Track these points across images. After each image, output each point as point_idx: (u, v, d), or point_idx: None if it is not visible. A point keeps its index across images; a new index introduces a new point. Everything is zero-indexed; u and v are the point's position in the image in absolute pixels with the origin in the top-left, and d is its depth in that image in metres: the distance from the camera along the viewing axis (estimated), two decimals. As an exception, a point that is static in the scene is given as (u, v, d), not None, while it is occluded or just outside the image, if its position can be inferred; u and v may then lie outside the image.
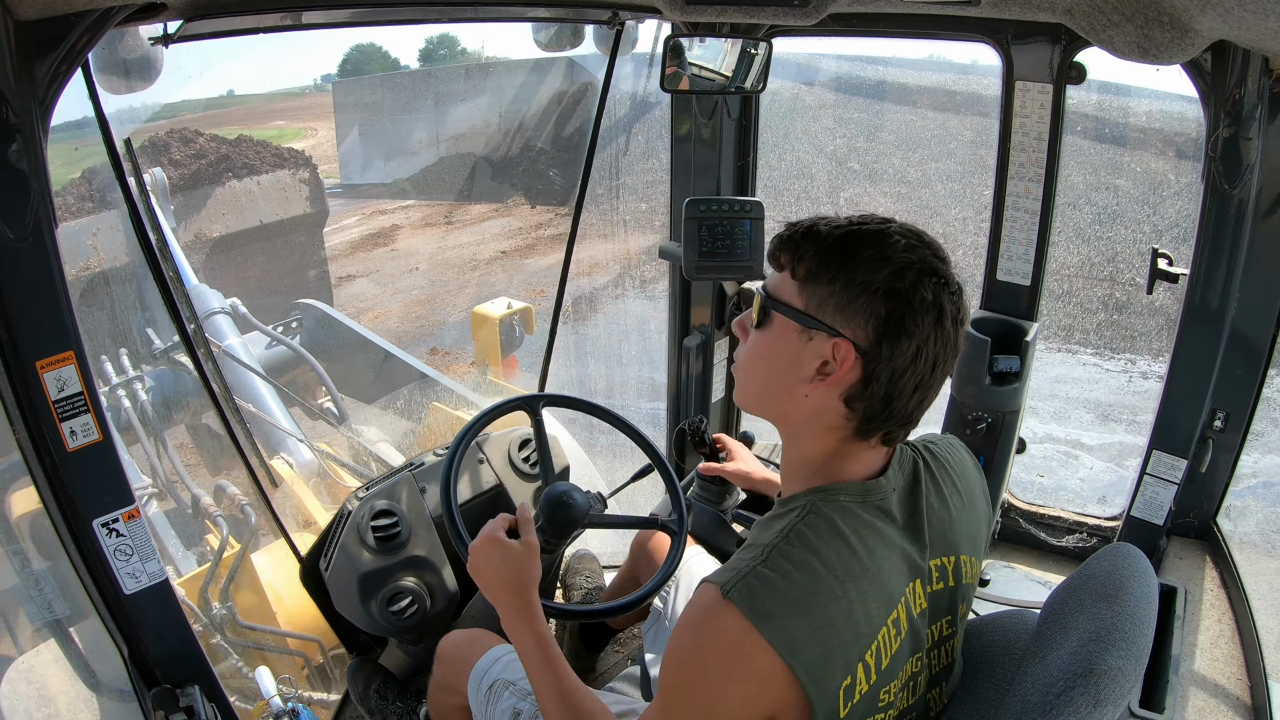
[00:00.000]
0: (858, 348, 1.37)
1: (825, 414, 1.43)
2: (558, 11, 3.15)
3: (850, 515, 1.40)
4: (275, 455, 6.84)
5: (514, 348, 7.90)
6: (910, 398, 1.40)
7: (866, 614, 1.35)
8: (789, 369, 1.44)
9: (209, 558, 5.61)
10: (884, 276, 1.35)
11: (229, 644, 5.07)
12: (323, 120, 38.76)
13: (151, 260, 2.55)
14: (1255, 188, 2.69)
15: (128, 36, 2.27)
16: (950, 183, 14.48)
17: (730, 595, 1.31)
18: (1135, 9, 1.95)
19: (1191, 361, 2.96)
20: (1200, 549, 3.11)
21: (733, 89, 3.00)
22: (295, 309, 9.86)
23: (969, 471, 1.64)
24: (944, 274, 1.38)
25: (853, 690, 1.35)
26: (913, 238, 1.40)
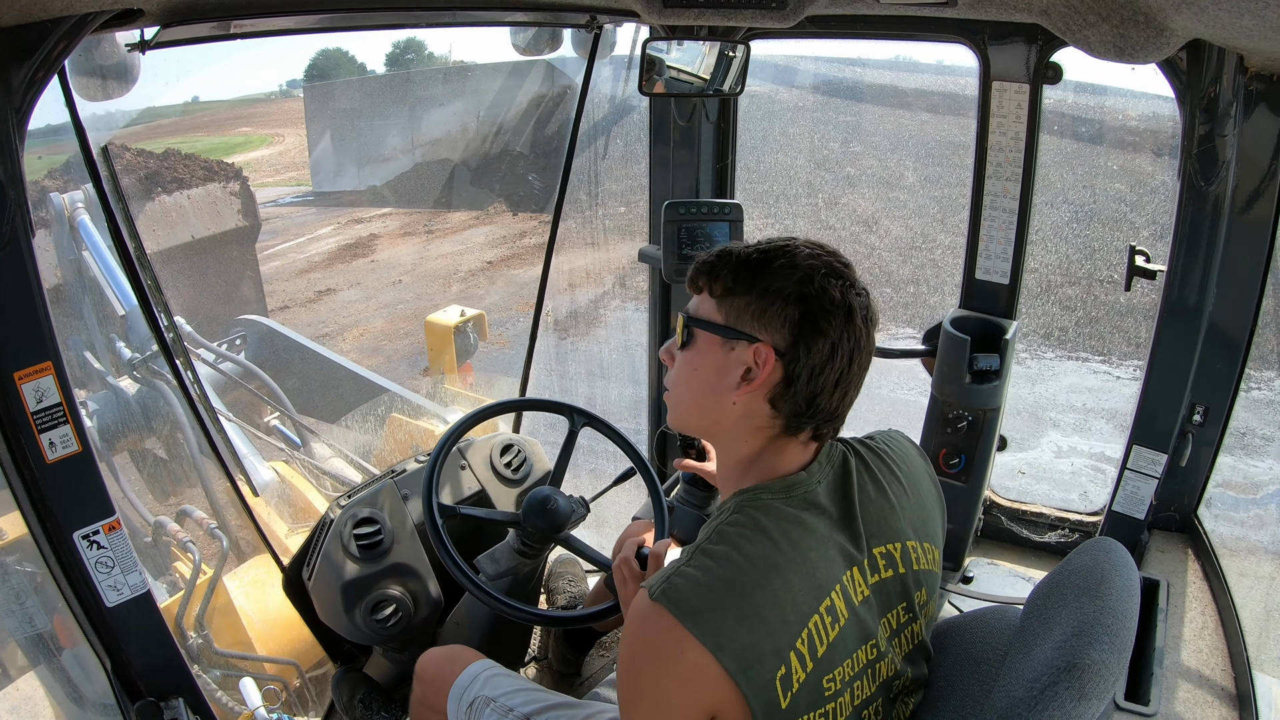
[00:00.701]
0: (776, 350, 1.47)
1: (753, 416, 1.53)
2: (535, 15, 3.14)
3: (773, 511, 1.47)
4: (271, 459, 6.78)
5: (469, 355, 7.92)
6: (833, 393, 1.49)
7: (794, 603, 1.40)
8: (716, 379, 1.54)
9: (180, 586, 5.55)
10: (793, 282, 1.47)
11: (206, 674, 5.03)
12: (289, 127, 38.32)
13: (129, 268, 2.54)
14: (1231, 184, 2.71)
15: (104, 43, 2.25)
16: (929, 183, 14.51)
17: (656, 597, 1.38)
18: (1111, 9, 1.96)
19: (1170, 357, 2.98)
20: (1182, 542, 3.13)
21: (711, 91, 3.01)
22: (237, 325, 9.77)
23: (912, 460, 1.70)
24: (848, 276, 1.50)
25: (789, 680, 1.38)
26: (815, 247, 1.53)
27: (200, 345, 8.47)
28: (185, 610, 5.18)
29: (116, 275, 8.56)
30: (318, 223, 21.41)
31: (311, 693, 5.01)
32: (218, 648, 5.19)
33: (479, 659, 2.27)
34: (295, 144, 35.33)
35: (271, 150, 36.10)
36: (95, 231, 9.00)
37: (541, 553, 2.52)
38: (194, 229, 12.62)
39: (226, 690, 4.74)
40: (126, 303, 8.38)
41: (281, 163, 32.90)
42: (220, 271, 13.24)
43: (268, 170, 32.08)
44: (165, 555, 6.30)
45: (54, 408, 1.91)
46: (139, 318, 8.10)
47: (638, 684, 1.43)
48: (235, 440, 7.08)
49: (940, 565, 1.68)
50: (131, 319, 8.14)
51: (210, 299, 13.02)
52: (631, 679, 1.44)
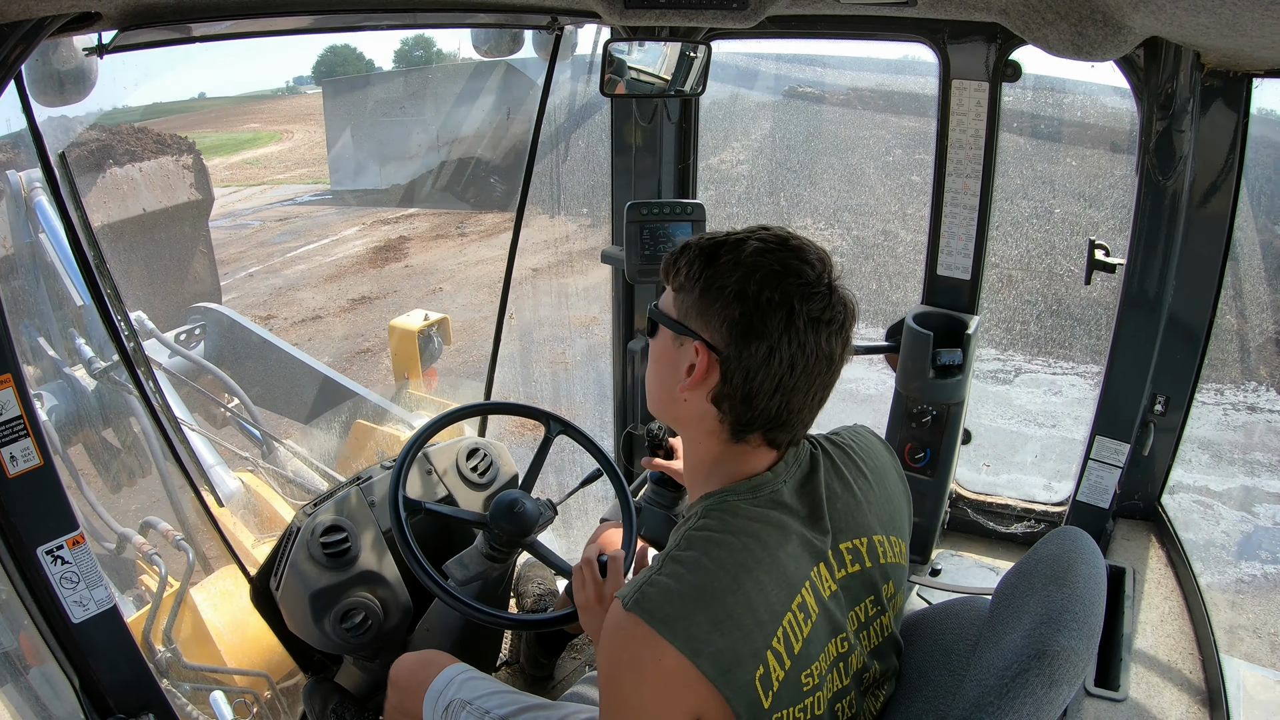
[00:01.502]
0: (713, 349, 1.47)
1: (704, 418, 1.52)
2: (496, 17, 3.13)
3: (740, 512, 1.47)
4: (237, 469, 6.67)
5: (433, 360, 7.87)
6: (771, 398, 1.46)
7: (766, 603, 1.40)
8: (669, 373, 1.55)
9: (146, 600, 5.47)
10: (734, 280, 1.44)
11: (176, 689, 4.96)
12: (298, 123, 37.95)
13: (89, 277, 2.50)
14: (1189, 178, 2.75)
15: (61, 47, 2.23)
16: (889, 180, 14.59)
17: (630, 607, 1.38)
18: (1069, 7, 1.98)
19: (1131, 348, 3.02)
20: (1146, 529, 3.17)
21: (672, 92, 3.01)
22: (195, 314, 9.55)
23: (878, 455, 1.70)
24: (803, 275, 1.44)
25: (769, 679, 1.39)
26: (772, 243, 1.48)
27: (156, 338, 8.36)
28: (153, 625, 5.10)
29: (72, 262, 8.40)
30: (341, 223, 20.75)
31: (283, 704, 4.95)
32: (187, 661, 5.12)
33: (454, 663, 2.26)
34: (305, 140, 34.41)
35: (281, 146, 35.62)
36: (52, 215, 8.77)
37: (510, 556, 2.51)
38: (145, 202, 12.38)
39: (197, 705, 4.68)
40: (85, 295, 8.11)
41: (291, 159, 32.39)
42: (173, 247, 12.93)
43: (278, 166, 31.40)
44: (131, 569, 6.20)
45: (14, 420, 1.88)
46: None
47: (619, 693, 1.43)
48: (201, 449, 7.01)
49: (907, 558, 1.69)
50: (91, 316, 7.99)
51: (163, 275, 12.83)
52: (612, 689, 1.44)
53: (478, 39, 3.48)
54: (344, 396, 8.33)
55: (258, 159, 33.61)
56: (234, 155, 34.65)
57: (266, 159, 33.38)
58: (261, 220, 23.14)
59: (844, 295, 1.47)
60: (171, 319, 10.72)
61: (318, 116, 38.55)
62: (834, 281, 1.47)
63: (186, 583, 5.25)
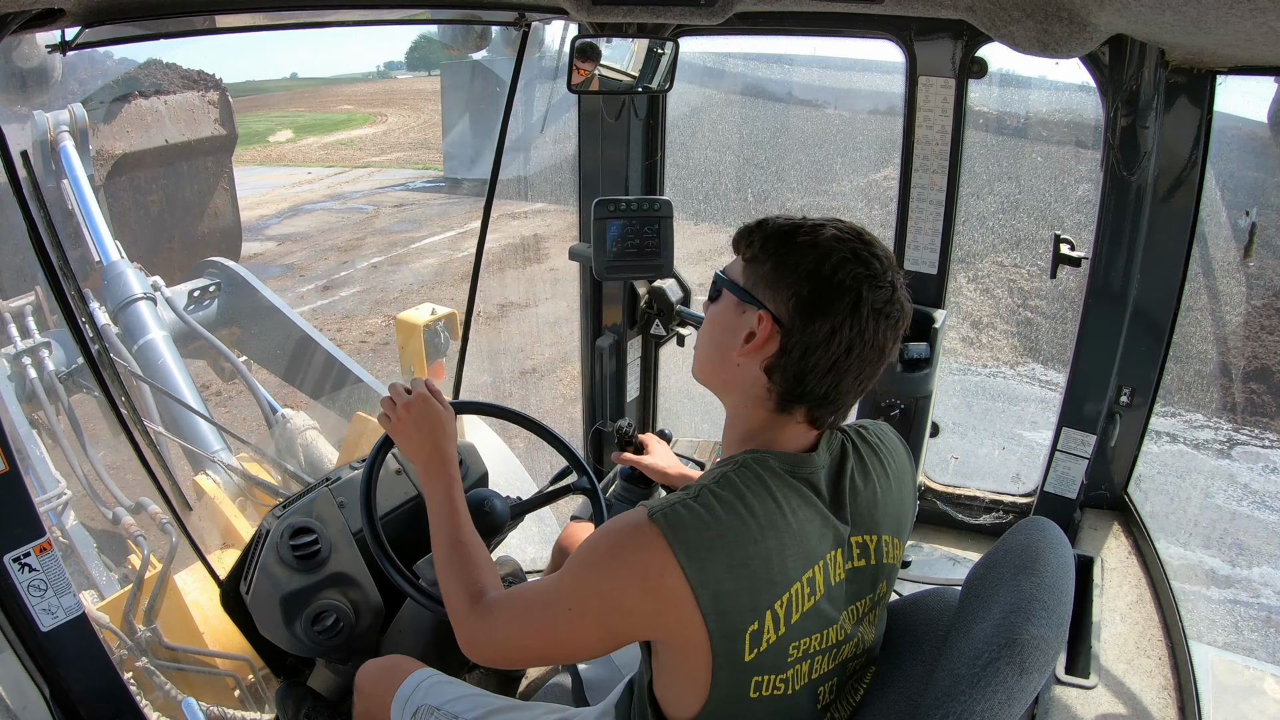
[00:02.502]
0: (777, 320, 1.49)
1: (753, 384, 1.54)
2: (463, 13, 3.12)
3: (779, 478, 1.48)
4: (200, 470, 6.59)
5: (439, 355, 7.75)
6: (824, 377, 1.48)
7: (783, 565, 1.42)
8: (726, 337, 1.56)
9: (132, 578, 5.43)
10: (810, 259, 1.47)
11: (156, 668, 4.91)
12: (391, 107, 38.08)
13: (52, 280, 2.47)
14: (1153, 173, 2.79)
15: (23, 44, 2.19)
16: (855, 176, 14.64)
17: (654, 517, 1.40)
18: (1035, 5, 2.00)
19: (1096, 341, 3.05)
20: (1114, 519, 3.21)
21: (640, 89, 3.00)
22: (211, 268, 9.33)
23: (899, 455, 1.70)
24: (871, 267, 1.47)
25: (759, 637, 1.41)
26: (846, 232, 1.50)
27: (170, 305, 8.22)
28: (134, 604, 5.07)
29: (95, 220, 8.21)
30: (463, 214, 20.12)
31: (264, 690, 4.92)
32: (167, 641, 5.07)
33: (420, 667, 2.24)
34: (398, 124, 34.99)
35: (375, 129, 35.45)
36: (78, 165, 8.46)
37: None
38: (168, 134, 12.34)
39: (168, 714, 4.63)
40: (104, 252, 8.07)
41: (386, 142, 32.50)
42: (194, 180, 12.90)
43: (374, 149, 31.41)
44: (121, 547, 6.16)
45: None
46: (118, 278, 7.84)
47: (599, 582, 1.45)
48: (204, 424, 6.97)
49: (901, 561, 1.70)
50: (108, 278, 7.84)
51: (183, 208, 12.75)
52: (593, 575, 1.46)
53: (445, 35, 3.47)
54: (347, 377, 8.28)
55: (352, 140, 33.43)
56: (328, 135, 34.59)
57: (361, 140, 33.16)
58: (374, 205, 22.65)
59: (903, 295, 1.51)
60: (190, 249, 10.47)
61: (411, 101, 38.46)
62: (896, 280, 1.50)
63: (169, 565, 5.21)
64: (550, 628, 1.55)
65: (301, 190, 25.29)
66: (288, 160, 30.78)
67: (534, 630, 1.58)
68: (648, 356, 3.95)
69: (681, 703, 1.50)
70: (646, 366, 3.97)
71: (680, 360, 4.03)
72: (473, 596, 1.74)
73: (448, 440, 2.05)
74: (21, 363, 7.23)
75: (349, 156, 30.63)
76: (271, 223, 21.90)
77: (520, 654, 1.70)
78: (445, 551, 1.88)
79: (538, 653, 1.66)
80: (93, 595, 5.56)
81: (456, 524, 1.92)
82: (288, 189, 25.49)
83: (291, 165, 29.38)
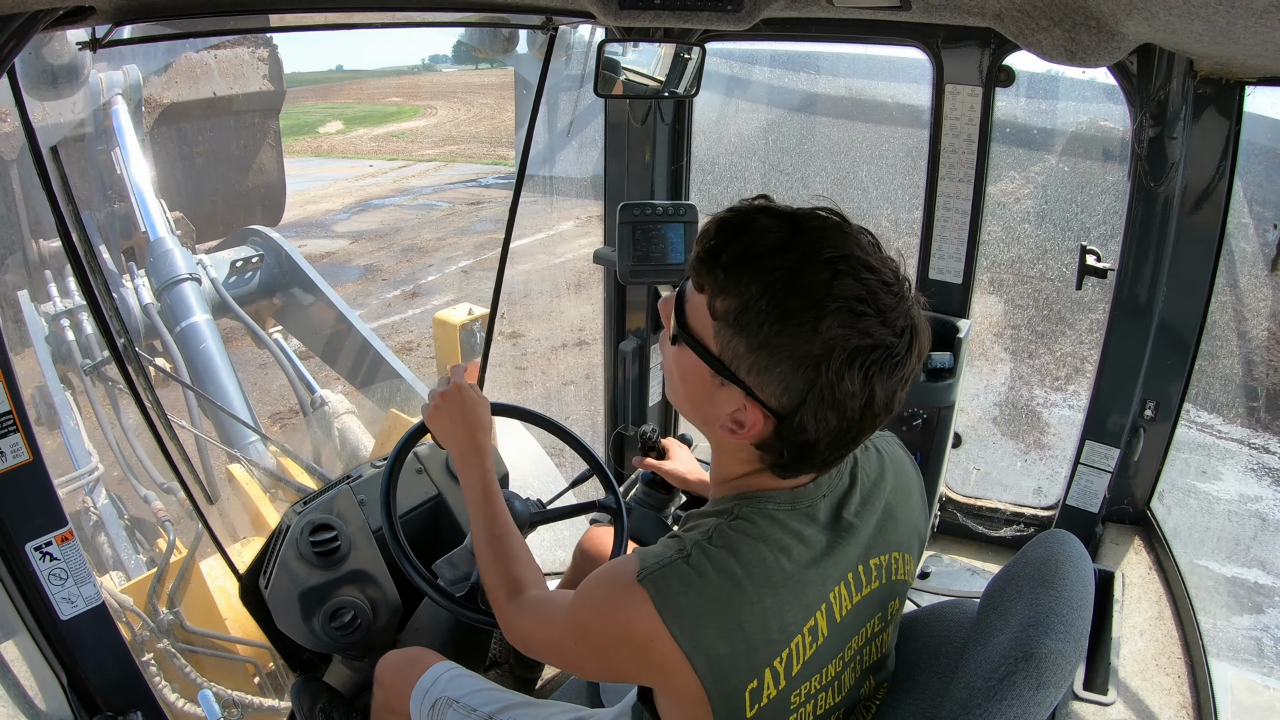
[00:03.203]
0: (770, 410, 1.32)
1: (740, 450, 1.41)
2: (491, 16, 3.13)
3: (776, 524, 1.39)
4: (234, 459, 6.63)
5: (475, 354, 7.76)
6: (829, 452, 1.36)
7: (781, 622, 1.35)
8: (704, 403, 1.39)
9: (158, 561, 5.49)
10: (808, 351, 1.25)
11: (176, 650, 4.96)
12: (440, 100, 38.14)
13: (80, 274, 2.49)
14: (1180, 185, 2.76)
15: (54, 41, 2.22)
16: (881, 184, 14.54)
17: (644, 581, 1.33)
18: (1063, 13, 1.99)
19: (1121, 353, 3.03)
20: (1136, 534, 3.18)
21: (666, 93, 3.01)
22: (254, 238, 9.26)
23: (907, 470, 1.65)
24: (886, 343, 1.26)
25: (759, 694, 1.36)
26: (859, 294, 1.25)
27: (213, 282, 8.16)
28: (158, 588, 5.12)
29: (144, 194, 8.18)
30: (549, 214, 19.04)
31: (284, 678, 4.95)
32: (189, 625, 5.12)
33: (440, 660, 2.25)
34: (449, 117, 35.12)
35: (426, 121, 35.49)
36: (128, 132, 8.48)
37: None
38: (217, 87, 12.47)
39: (186, 698, 4.67)
40: (153, 230, 8.03)
41: (438, 135, 32.46)
42: (240, 134, 13.01)
43: (427, 142, 31.33)
44: (152, 528, 6.20)
45: (3, 416, 1.88)
46: (164, 256, 7.84)
47: (594, 630, 1.42)
48: (243, 411, 6.99)
49: (914, 576, 1.66)
50: (155, 254, 7.82)
51: (228, 161, 12.77)
52: (589, 620, 1.43)
53: (472, 38, 3.48)
54: (381, 364, 8.27)
55: (404, 132, 33.49)
56: (379, 127, 34.75)
57: (413, 133, 33.16)
58: (449, 202, 22.11)
59: (920, 340, 1.31)
60: (234, 203, 10.40)
61: (460, 94, 38.54)
62: (913, 320, 1.29)
63: (194, 552, 5.25)
64: (559, 648, 1.55)
65: (366, 184, 24.99)
66: (339, 151, 30.79)
67: (550, 644, 1.59)
68: (671, 362, 3.94)
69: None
70: (670, 372, 3.96)
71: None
72: (509, 590, 1.75)
73: (482, 431, 2.04)
74: (60, 324, 7.24)
75: (402, 149, 30.51)
76: (340, 218, 21.64)
77: (540, 656, 1.72)
78: (483, 543, 1.88)
79: (551, 661, 1.71)
80: (119, 576, 5.62)
81: (492, 517, 1.91)
82: (349, 182, 25.20)
83: (351, 157, 29.26)
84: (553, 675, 3.17)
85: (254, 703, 4.85)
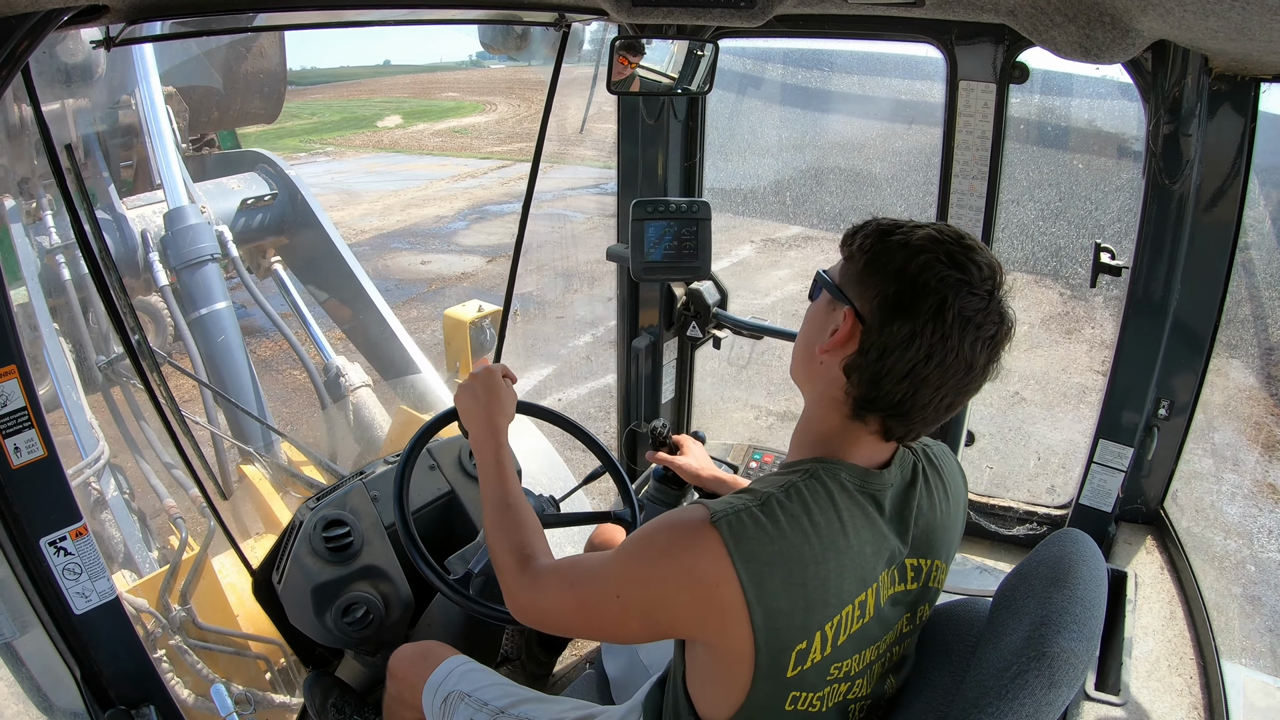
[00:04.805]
0: (860, 318, 1.45)
1: (832, 384, 1.50)
2: (503, 14, 3.13)
3: (847, 493, 1.45)
4: (248, 458, 6.58)
5: (484, 351, 7.73)
6: (899, 383, 1.42)
7: (839, 587, 1.40)
8: (816, 333, 1.54)
9: (170, 558, 5.50)
10: (899, 258, 1.42)
11: (189, 647, 4.98)
12: (497, 96, 38.22)
13: (95, 271, 2.50)
14: (1195, 182, 2.75)
15: (68, 40, 2.22)
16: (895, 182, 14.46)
17: (718, 523, 1.37)
18: (1077, 10, 1.98)
19: (1135, 352, 3.02)
20: (1149, 534, 3.17)
21: (679, 90, 3.01)
22: (261, 164, 8.59)
23: (957, 481, 1.69)
24: (966, 271, 1.40)
25: (805, 655, 1.39)
26: (947, 235, 1.44)
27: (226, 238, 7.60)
28: (170, 584, 5.14)
29: (167, 156, 7.52)
30: (740, 230, 15.56)
31: (295, 675, 4.97)
32: (201, 622, 5.13)
33: (453, 654, 2.26)
34: (510, 113, 34.96)
35: (487, 118, 35.51)
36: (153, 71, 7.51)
37: None
38: None
39: (199, 694, 4.69)
40: (173, 198, 7.43)
41: (502, 131, 32.13)
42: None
43: (491, 139, 30.92)
44: (164, 524, 6.19)
45: (19, 412, 1.89)
46: (186, 231, 7.30)
47: (649, 576, 1.43)
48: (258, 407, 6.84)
49: (943, 587, 1.68)
50: (174, 226, 7.29)
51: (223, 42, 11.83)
52: (644, 568, 1.44)
53: (484, 35, 3.48)
54: (387, 333, 7.96)
55: (465, 128, 33.25)
56: (439, 122, 34.76)
57: (475, 129, 32.90)
58: (581, 213, 19.48)
59: (1003, 308, 1.44)
60: (232, 86, 9.80)
61: (518, 90, 38.64)
62: (998, 291, 1.43)
63: (206, 548, 5.25)
64: (595, 609, 1.55)
65: (468, 186, 23.49)
66: (401, 147, 30.46)
67: (579, 607, 1.58)
68: (683, 359, 3.96)
69: (714, 703, 1.49)
70: (682, 368, 3.98)
71: (715, 363, 4.02)
72: (521, 559, 1.74)
73: (501, 414, 2.09)
74: (56, 259, 6.79)
75: (467, 145, 30.08)
76: (456, 227, 19.44)
77: (562, 625, 1.70)
78: (494, 513, 1.89)
79: (580, 628, 1.71)
80: (132, 576, 5.63)
81: (504, 486, 1.94)
82: (448, 183, 23.91)
83: (428, 154, 28.81)
84: (564, 672, 3.18)
85: (266, 698, 4.87)
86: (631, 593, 1.46)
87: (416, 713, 2.23)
